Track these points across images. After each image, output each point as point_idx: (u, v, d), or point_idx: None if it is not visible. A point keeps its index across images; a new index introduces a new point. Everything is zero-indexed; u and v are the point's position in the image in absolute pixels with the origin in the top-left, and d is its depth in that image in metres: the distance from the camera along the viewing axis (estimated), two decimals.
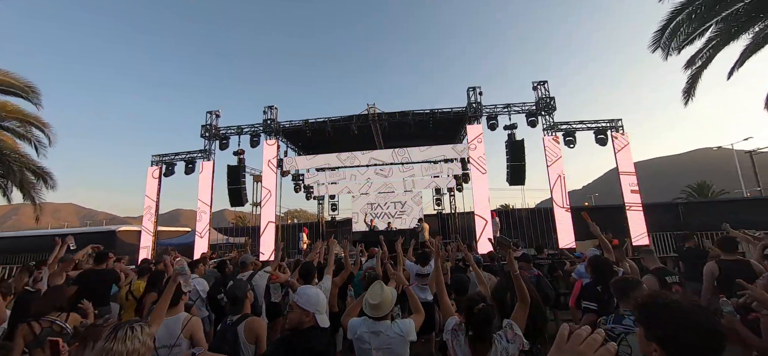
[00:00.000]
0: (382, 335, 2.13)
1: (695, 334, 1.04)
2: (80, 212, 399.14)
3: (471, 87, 11.28)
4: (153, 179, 12.80)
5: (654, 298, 1.19)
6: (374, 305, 2.19)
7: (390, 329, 2.16)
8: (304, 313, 1.86)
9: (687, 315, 1.07)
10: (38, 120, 8.94)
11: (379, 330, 2.15)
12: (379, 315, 2.19)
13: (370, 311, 2.21)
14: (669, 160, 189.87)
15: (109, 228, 22.32)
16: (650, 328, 1.11)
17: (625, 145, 10.68)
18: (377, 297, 2.20)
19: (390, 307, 2.23)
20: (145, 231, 12.63)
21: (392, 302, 2.26)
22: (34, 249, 17.35)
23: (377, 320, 2.19)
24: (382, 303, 2.19)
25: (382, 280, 3.68)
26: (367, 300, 2.23)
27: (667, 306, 1.11)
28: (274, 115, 12.50)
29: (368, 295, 2.24)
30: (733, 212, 14.31)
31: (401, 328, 2.18)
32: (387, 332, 2.14)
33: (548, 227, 11.33)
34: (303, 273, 3.45)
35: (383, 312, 2.20)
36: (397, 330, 2.16)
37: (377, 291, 2.24)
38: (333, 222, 18.75)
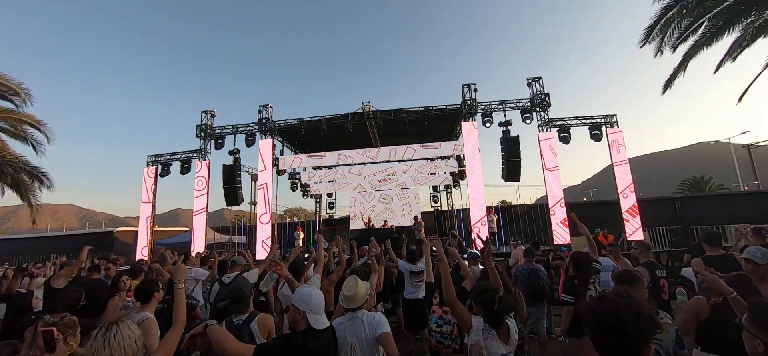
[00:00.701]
0: (356, 320, 2.22)
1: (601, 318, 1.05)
2: (80, 213, 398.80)
3: (466, 84, 11.27)
4: (149, 179, 12.79)
5: (588, 307, 1.17)
6: (348, 297, 2.27)
7: (364, 316, 2.24)
8: (297, 312, 1.87)
9: (599, 302, 1.10)
10: (31, 118, 8.87)
11: (354, 316, 2.24)
12: (353, 306, 2.27)
13: (345, 302, 2.29)
14: (667, 155, 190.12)
15: (106, 229, 22.34)
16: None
17: (620, 140, 10.68)
18: (351, 290, 2.27)
19: (363, 299, 2.30)
20: (142, 232, 12.63)
21: (366, 294, 2.33)
22: (33, 251, 17.35)
23: (353, 311, 2.27)
24: (355, 295, 2.26)
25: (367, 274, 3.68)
26: (343, 292, 2.31)
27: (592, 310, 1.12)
28: (269, 114, 12.47)
29: (344, 288, 2.32)
30: (730, 206, 14.33)
31: (371, 323, 2.22)
32: (361, 317, 2.23)
33: (545, 223, 11.34)
34: (292, 270, 3.44)
35: (357, 303, 2.27)
36: (368, 319, 2.23)
37: (351, 284, 2.31)
38: (331, 221, 18.76)
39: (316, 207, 18.82)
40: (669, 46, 8.57)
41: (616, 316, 1.03)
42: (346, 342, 2.11)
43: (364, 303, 2.30)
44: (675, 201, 16.09)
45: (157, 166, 12.96)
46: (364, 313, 2.26)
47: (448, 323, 2.99)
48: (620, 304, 1.06)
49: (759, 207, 13.54)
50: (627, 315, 1.02)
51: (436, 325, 3.06)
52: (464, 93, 11.23)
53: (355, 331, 2.16)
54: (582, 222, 4.48)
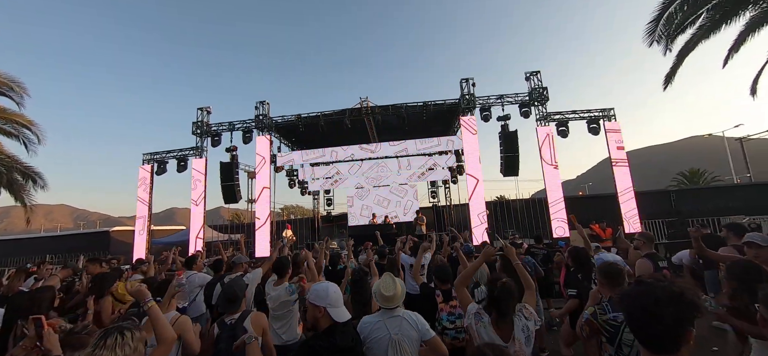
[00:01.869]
0: (396, 318, 2.16)
1: (637, 302, 1.08)
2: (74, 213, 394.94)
3: (464, 78, 11.25)
4: (145, 178, 12.66)
5: (624, 292, 1.21)
6: (387, 297, 2.20)
7: (408, 317, 2.18)
8: (316, 308, 1.83)
9: (634, 288, 1.14)
10: (23, 118, 8.73)
11: (394, 315, 2.17)
12: (390, 306, 2.21)
13: (383, 302, 2.22)
14: (662, 148, 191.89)
15: (102, 229, 22.15)
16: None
17: (618, 133, 10.73)
18: (390, 290, 2.22)
19: (402, 298, 2.26)
20: (139, 231, 12.52)
21: (403, 293, 2.28)
22: (28, 252, 17.17)
23: (389, 311, 2.21)
24: (395, 295, 2.21)
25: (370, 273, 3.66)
26: (380, 291, 2.24)
27: (626, 295, 1.15)
28: (266, 111, 12.38)
29: (381, 287, 2.25)
30: (724, 198, 14.50)
31: (418, 324, 2.19)
32: (405, 318, 2.17)
33: (543, 217, 11.41)
34: (276, 269, 3.40)
35: (396, 303, 2.22)
36: (415, 319, 2.19)
37: (389, 283, 2.25)
38: (329, 218, 18.72)
39: (314, 205, 18.77)
40: (669, 39, 8.61)
41: (654, 300, 1.05)
42: (392, 338, 2.05)
43: (401, 303, 2.26)
44: (671, 194, 16.25)
45: (153, 164, 12.83)
46: (405, 311, 2.22)
47: (460, 316, 2.92)
48: (657, 288, 1.07)
49: (751, 199, 13.74)
50: (664, 298, 1.03)
51: (449, 322, 2.98)
52: (462, 87, 11.21)
53: (399, 328, 2.11)
54: (578, 215, 4.59)
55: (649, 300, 1.06)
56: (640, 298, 1.08)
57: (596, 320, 2.01)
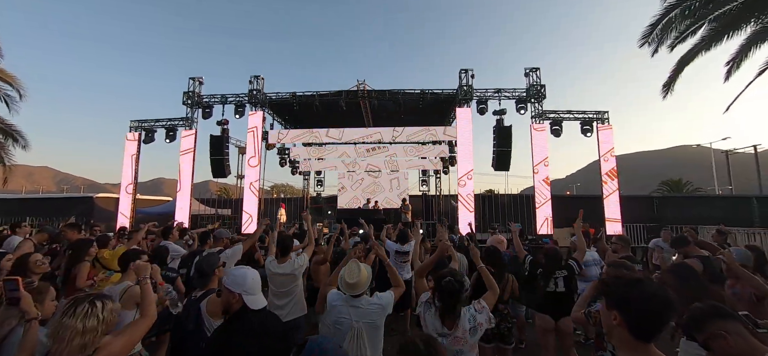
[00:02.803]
0: (361, 308, 2.16)
1: (647, 302, 1.21)
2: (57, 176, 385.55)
3: (463, 69, 11.16)
4: (131, 145, 12.35)
5: (615, 273, 1.48)
6: (351, 284, 2.19)
7: (369, 303, 2.20)
8: (231, 294, 1.78)
9: (638, 286, 1.27)
10: (3, 72, 8.32)
11: (357, 305, 2.17)
12: (355, 293, 2.20)
13: (347, 289, 2.21)
14: (652, 155, 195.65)
15: (86, 194, 21.67)
16: (610, 297, 1.30)
17: (609, 136, 10.86)
18: (354, 277, 2.20)
19: (366, 286, 2.24)
20: (123, 200, 12.29)
21: (368, 280, 2.27)
22: (7, 213, 16.74)
23: (354, 297, 2.20)
24: (359, 283, 2.20)
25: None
26: (344, 278, 2.23)
27: (624, 280, 1.33)
28: (260, 86, 12.11)
29: (345, 274, 2.24)
30: (705, 208, 14.93)
31: (380, 300, 2.23)
32: (366, 306, 2.18)
33: (529, 214, 11.58)
34: (280, 245, 3.40)
35: (360, 290, 2.21)
36: (376, 302, 2.21)
37: (354, 270, 2.23)
38: (318, 199, 18.68)
39: (304, 185, 18.68)
40: (667, 47, 8.63)
41: (666, 302, 1.21)
42: (352, 325, 2.09)
43: (365, 290, 2.25)
44: (654, 200, 16.64)
45: (141, 132, 12.51)
46: (366, 300, 2.22)
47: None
48: (660, 291, 1.24)
49: (730, 210, 14.20)
50: (668, 301, 1.21)
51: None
52: (461, 78, 11.13)
53: (361, 315, 2.14)
54: (563, 214, 4.73)
55: (662, 303, 1.21)
56: (652, 300, 1.21)
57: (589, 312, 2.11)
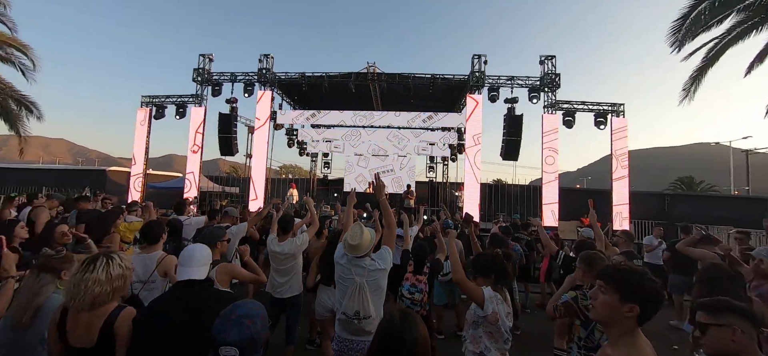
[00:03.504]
0: (364, 268, 2.24)
1: (656, 293, 1.31)
2: (72, 149, 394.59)
3: (476, 54, 10.90)
4: (142, 121, 12.50)
5: (621, 266, 1.47)
6: (353, 245, 2.23)
7: (371, 264, 2.26)
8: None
9: (646, 278, 1.34)
10: (17, 41, 8.38)
11: (360, 264, 2.25)
12: (357, 255, 2.25)
13: (350, 250, 2.26)
14: (665, 152, 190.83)
15: (100, 167, 22.18)
16: (628, 290, 1.32)
17: (624, 130, 10.58)
18: (356, 239, 2.24)
19: (368, 248, 2.28)
20: (134, 174, 12.54)
21: (371, 243, 2.30)
22: (24, 182, 17.23)
23: (357, 258, 2.27)
24: (360, 244, 2.24)
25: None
26: (347, 240, 2.28)
27: (637, 273, 1.37)
28: (269, 65, 12.05)
29: (348, 236, 2.28)
30: (718, 208, 14.56)
31: (380, 263, 2.29)
32: (368, 267, 2.24)
33: (536, 205, 11.46)
34: (281, 224, 3.45)
35: (362, 252, 2.25)
36: (376, 266, 2.26)
37: (357, 232, 2.27)
38: (325, 181, 18.77)
39: (311, 166, 18.77)
40: (692, 42, 8.26)
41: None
42: (354, 281, 2.19)
43: (368, 252, 2.30)
44: (665, 197, 16.30)
45: (152, 108, 12.62)
46: (367, 262, 2.28)
47: (421, 291, 3.11)
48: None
49: (746, 212, 13.78)
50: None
51: (408, 292, 3.12)
52: (474, 63, 10.88)
53: (363, 275, 2.23)
54: (571, 207, 4.68)
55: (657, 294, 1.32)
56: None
57: (577, 304, 2.15)
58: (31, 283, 1.79)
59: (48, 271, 1.86)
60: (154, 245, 2.72)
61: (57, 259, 1.93)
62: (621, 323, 1.31)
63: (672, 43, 8.58)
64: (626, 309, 1.28)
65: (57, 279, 1.87)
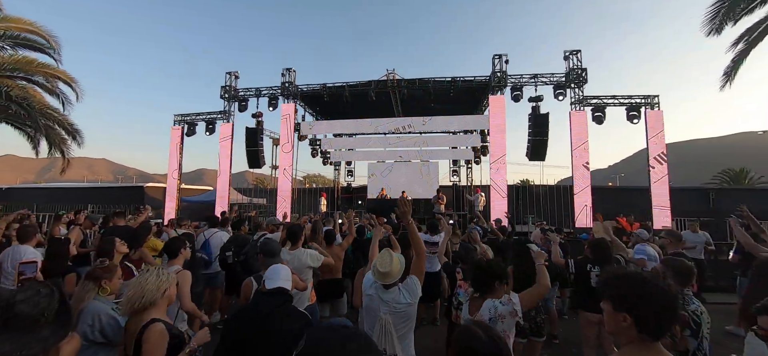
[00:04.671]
0: (392, 304, 2.13)
1: (656, 302, 1.17)
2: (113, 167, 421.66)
3: (497, 54, 10.72)
4: (175, 139, 13.18)
5: (616, 273, 1.34)
6: (383, 273, 2.15)
7: (399, 296, 2.15)
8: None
9: (646, 285, 1.21)
10: (65, 75, 9.16)
11: (388, 299, 2.15)
12: (387, 283, 2.16)
13: (379, 278, 2.17)
14: (705, 143, 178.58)
15: (138, 184, 23.54)
16: (617, 299, 1.23)
17: (660, 123, 10.01)
18: (386, 266, 2.15)
19: (398, 275, 2.19)
20: (169, 189, 13.22)
21: (401, 270, 2.21)
22: (70, 200, 18.55)
23: (386, 287, 2.17)
24: (391, 272, 2.14)
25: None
26: (377, 267, 2.19)
27: (630, 278, 1.25)
28: (292, 78, 12.40)
29: (377, 263, 2.20)
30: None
31: (409, 294, 2.18)
32: (397, 300, 2.14)
33: (566, 206, 11.01)
34: (289, 235, 3.50)
35: (392, 280, 2.16)
36: (405, 299, 2.15)
37: (386, 259, 2.18)
38: (349, 189, 18.93)
39: (335, 175, 19.00)
40: (734, 26, 7.73)
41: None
42: (380, 317, 2.09)
43: (398, 279, 2.19)
44: (710, 192, 15.22)
45: (183, 125, 13.29)
46: (396, 293, 2.16)
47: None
48: (666, 287, 1.23)
49: None
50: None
51: (465, 299, 3.05)
52: (495, 64, 10.70)
53: (391, 304, 2.14)
54: (606, 207, 4.45)
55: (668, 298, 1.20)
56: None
57: (685, 310, 1.92)
58: (77, 290, 2.00)
59: (91, 279, 2.03)
60: (174, 259, 2.87)
61: (100, 268, 2.08)
62: (622, 334, 1.23)
63: (709, 31, 8.07)
64: (621, 318, 1.20)
65: (98, 287, 2.02)
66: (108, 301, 2.05)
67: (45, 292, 1.09)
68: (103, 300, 2.02)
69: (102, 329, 1.89)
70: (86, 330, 1.85)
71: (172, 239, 3.22)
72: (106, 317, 1.92)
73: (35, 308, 1.04)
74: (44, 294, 1.09)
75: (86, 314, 1.90)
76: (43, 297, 1.08)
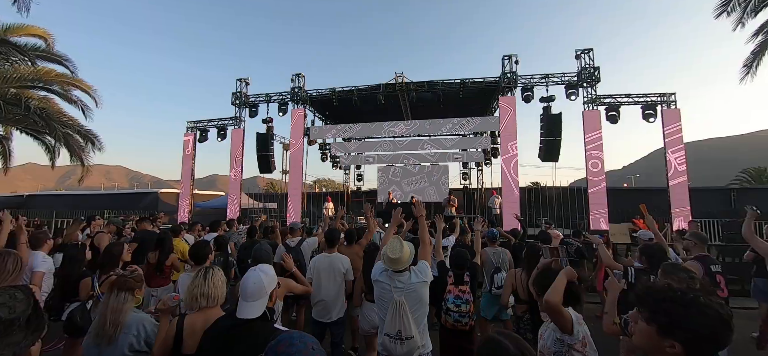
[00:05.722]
0: (404, 284, 2.22)
1: (713, 328, 1.01)
2: (129, 174, 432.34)
3: (506, 55, 10.60)
4: (188, 145, 13.41)
5: (661, 291, 1.12)
6: (394, 259, 2.22)
7: (410, 278, 2.24)
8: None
9: (705, 311, 1.03)
10: (83, 83, 9.44)
11: (400, 280, 2.23)
12: (398, 269, 2.23)
13: (390, 264, 2.25)
14: (725, 142, 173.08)
15: (152, 190, 24.05)
16: (664, 323, 1.07)
17: (677, 122, 9.72)
18: (397, 252, 2.22)
19: (408, 262, 2.27)
20: (183, 195, 13.44)
21: (411, 257, 2.29)
22: (88, 206, 19.04)
23: (397, 273, 2.25)
24: (401, 258, 2.22)
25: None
26: (387, 253, 2.27)
27: (685, 302, 1.06)
28: (301, 83, 12.50)
29: (387, 249, 2.27)
30: None
31: (420, 275, 2.26)
32: (408, 282, 2.23)
33: (580, 208, 10.77)
34: (327, 239, 3.52)
35: (402, 266, 2.23)
36: (417, 278, 2.24)
37: (396, 246, 2.25)
38: (358, 193, 18.96)
39: (344, 179, 19.05)
40: (754, 18, 7.48)
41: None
42: (394, 300, 2.17)
43: (408, 266, 2.28)
44: (731, 192, 14.69)
45: (196, 132, 13.52)
46: (407, 276, 2.25)
47: (467, 302, 2.92)
48: (720, 309, 1.04)
49: None
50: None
51: (454, 305, 2.93)
52: (504, 65, 10.58)
53: (404, 289, 2.21)
54: (621, 209, 4.23)
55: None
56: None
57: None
58: (112, 302, 1.89)
59: (127, 290, 1.97)
60: (201, 265, 2.85)
61: (132, 278, 2.06)
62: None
63: (734, 26, 7.82)
64: (667, 345, 1.05)
65: (133, 297, 1.99)
66: (139, 311, 2.04)
67: (21, 297, 1.10)
68: (137, 310, 2.03)
69: (147, 338, 1.89)
70: (132, 340, 1.84)
71: (198, 242, 3.24)
72: (150, 325, 1.94)
73: (11, 313, 1.05)
74: (20, 299, 1.09)
75: (130, 325, 1.87)
76: (18, 302, 1.08)
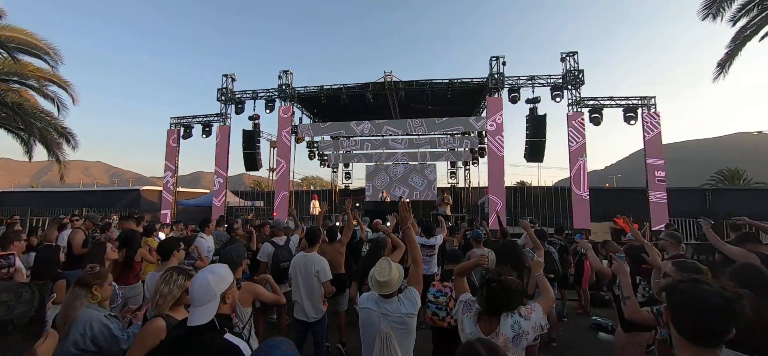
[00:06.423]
0: (392, 315, 2.04)
1: (701, 308, 1.11)
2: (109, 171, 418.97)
3: (494, 56, 10.73)
4: (172, 141, 13.08)
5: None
6: (382, 283, 2.07)
7: (399, 308, 2.06)
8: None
9: (695, 286, 1.16)
10: (59, 78, 9.08)
11: (387, 311, 2.05)
12: (386, 293, 2.08)
13: (378, 288, 2.09)
14: (701, 144, 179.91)
15: (134, 187, 23.38)
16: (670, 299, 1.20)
17: (656, 124, 10.05)
18: (385, 275, 2.07)
19: (397, 285, 2.11)
20: (166, 192, 13.11)
21: (400, 280, 2.14)
22: (66, 204, 18.38)
23: (385, 298, 2.09)
24: (389, 281, 2.07)
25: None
26: (374, 276, 2.11)
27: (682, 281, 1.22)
28: (289, 81, 12.34)
29: (375, 272, 2.12)
30: (765, 202, 13.51)
31: (409, 306, 2.08)
32: (396, 312, 2.05)
33: (564, 207, 11.03)
34: (308, 238, 3.48)
35: (391, 289, 2.07)
36: (406, 310, 2.06)
37: (385, 268, 2.10)
38: (346, 191, 18.90)
39: (332, 177, 18.96)
40: (728, 21, 7.78)
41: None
42: (380, 331, 1.96)
43: (397, 289, 2.10)
44: (706, 193, 15.30)
45: (180, 128, 13.20)
46: (396, 306, 2.06)
47: (445, 294, 2.87)
48: (717, 293, 1.14)
49: None
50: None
51: (433, 297, 2.92)
52: (492, 66, 10.70)
53: (392, 316, 2.03)
54: (603, 208, 4.37)
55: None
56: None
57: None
58: (67, 297, 1.90)
59: (82, 286, 1.95)
60: (167, 261, 2.80)
61: (90, 274, 2.02)
62: (672, 335, 1.21)
63: (705, 16, 8.10)
64: (666, 316, 1.21)
65: (89, 293, 1.94)
66: (101, 309, 1.98)
67: (26, 297, 1.02)
68: (95, 307, 1.96)
69: (93, 337, 1.82)
70: (77, 338, 1.80)
71: (167, 239, 3.18)
72: (98, 325, 1.86)
73: (8, 313, 0.97)
74: (25, 299, 1.02)
75: (78, 322, 1.83)
76: (21, 303, 1.01)
